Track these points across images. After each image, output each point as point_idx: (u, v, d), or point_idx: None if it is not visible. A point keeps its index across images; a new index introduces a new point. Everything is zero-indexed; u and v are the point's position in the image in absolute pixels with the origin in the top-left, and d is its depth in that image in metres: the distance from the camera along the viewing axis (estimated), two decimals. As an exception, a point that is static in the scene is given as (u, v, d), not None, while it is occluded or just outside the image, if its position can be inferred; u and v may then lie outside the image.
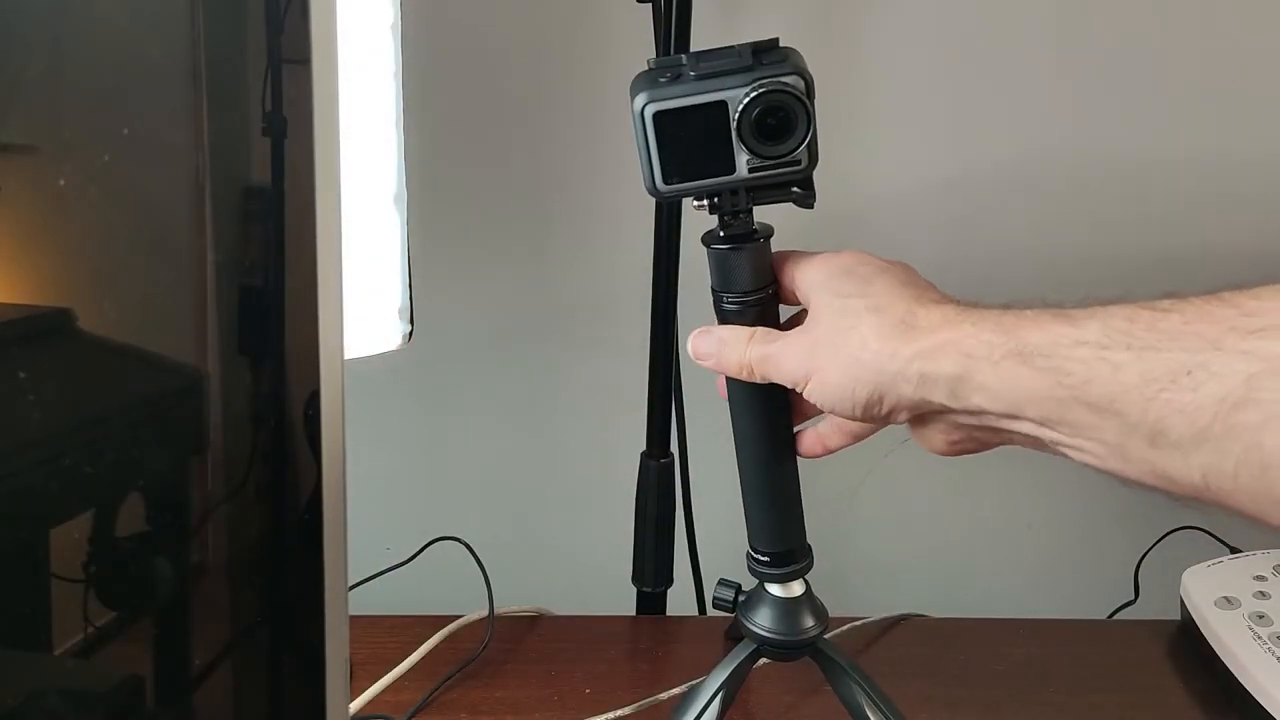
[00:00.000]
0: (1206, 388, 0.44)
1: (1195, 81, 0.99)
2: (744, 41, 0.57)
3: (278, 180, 0.44)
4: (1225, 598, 0.86)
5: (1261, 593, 0.86)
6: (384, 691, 0.80)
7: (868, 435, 0.61)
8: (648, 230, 0.88)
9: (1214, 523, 0.96)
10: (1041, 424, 0.50)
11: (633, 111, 0.57)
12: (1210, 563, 0.91)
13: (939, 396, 0.52)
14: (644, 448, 0.93)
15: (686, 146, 0.57)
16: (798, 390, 0.58)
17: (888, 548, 1.11)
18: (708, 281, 0.62)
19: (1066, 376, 0.48)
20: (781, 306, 0.63)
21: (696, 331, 0.62)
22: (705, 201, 0.59)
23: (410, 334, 0.68)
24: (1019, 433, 0.52)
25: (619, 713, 0.80)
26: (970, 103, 1.01)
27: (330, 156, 0.45)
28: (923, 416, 0.55)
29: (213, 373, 0.45)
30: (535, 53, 0.99)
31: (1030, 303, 0.52)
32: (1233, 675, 0.81)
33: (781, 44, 0.57)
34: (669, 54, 0.84)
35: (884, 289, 0.56)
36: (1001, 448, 0.56)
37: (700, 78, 0.56)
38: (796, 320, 0.62)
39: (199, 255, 0.45)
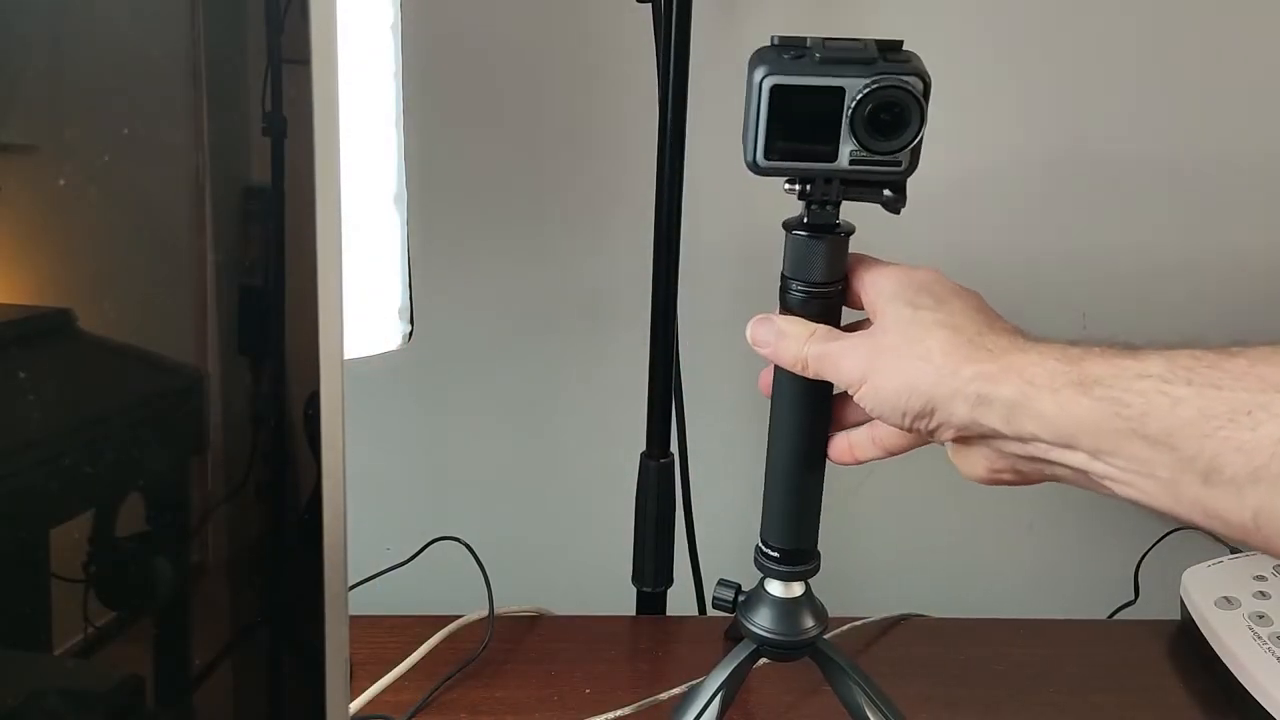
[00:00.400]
0: (1266, 427, 0.44)
1: (1197, 81, 0.99)
2: (870, 37, 0.58)
3: (278, 180, 0.44)
4: (1225, 598, 0.86)
5: (1261, 593, 0.86)
6: (384, 691, 0.80)
7: (900, 451, 0.61)
8: (648, 230, 0.88)
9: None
10: (1094, 456, 0.50)
11: (750, 81, 0.57)
12: (1210, 563, 0.91)
13: (992, 420, 0.52)
14: (644, 448, 0.93)
15: (796, 126, 0.57)
16: (850, 392, 0.58)
17: (888, 548, 1.11)
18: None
19: (1125, 408, 0.48)
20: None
21: (757, 318, 0.61)
22: (798, 186, 0.59)
23: (410, 334, 0.68)
24: (1068, 465, 0.52)
25: (619, 713, 0.79)
26: (970, 102, 1.01)
27: (330, 156, 0.45)
28: (968, 440, 0.55)
29: (213, 373, 0.45)
30: (535, 52, 0.99)
31: (1100, 340, 0.52)
32: (1233, 675, 0.81)
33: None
34: (669, 54, 0.84)
35: (959, 310, 0.56)
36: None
37: (824, 61, 0.56)
38: (858, 328, 0.61)
39: (199, 255, 0.45)
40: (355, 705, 0.78)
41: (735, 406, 1.03)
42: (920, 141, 0.57)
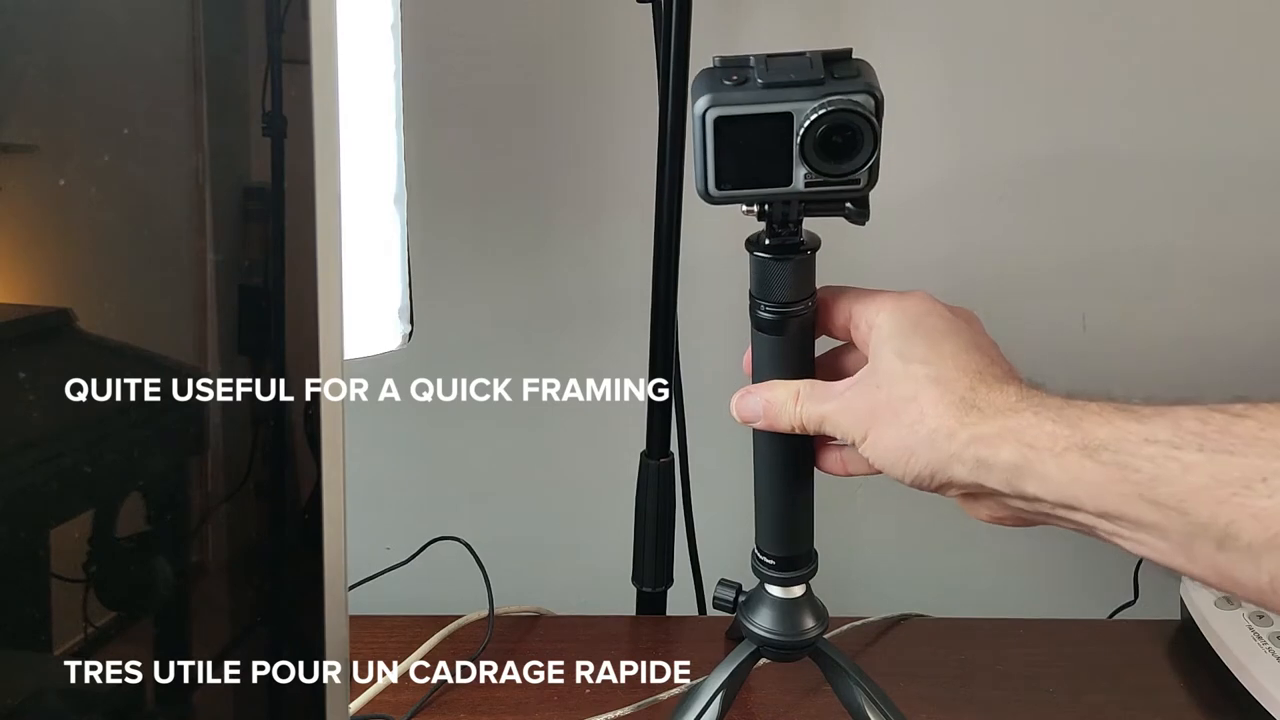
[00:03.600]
0: None
1: (1198, 80, 0.99)
2: (814, 49, 0.55)
3: (278, 180, 0.44)
4: (1225, 598, 0.86)
5: (1261, 593, 0.86)
6: (384, 691, 0.80)
7: None
8: (648, 230, 0.88)
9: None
10: (1100, 516, 0.49)
11: (693, 112, 0.54)
12: (1210, 563, 0.91)
13: (993, 482, 0.52)
14: (644, 448, 0.93)
15: (745, 154, 0.54)
16: (852, 445, 0.57)
17: (888, 548, 1.11)
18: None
19: (1134, 473, 0.47)
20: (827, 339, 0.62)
21: (738, 395, 0.61)
22: (756, 208, 0.57)
23: (410, 334, 0.68)
24: (1074, 521, 0.51)
25: (619, 713, 0.79)
26: (970, 103, 1.01)
27: (330, 156, 0.45)
28: (973, 494, 0.55)
29: (213, 373, 0.45)
30: (535, 52, 0.99)
31: (1093, 396, 0.51)
32: (1233, 675, 0.81)
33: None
34: (669, 54, 0.84)
35: (950, 355, 0.54)
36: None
37: (768, 86, 0.54)
38: (839, 358, 0.61)
39: (199, 255, 0.45)
40: (355, 705, 0.78)
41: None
42: (877, 159, 0.54)
